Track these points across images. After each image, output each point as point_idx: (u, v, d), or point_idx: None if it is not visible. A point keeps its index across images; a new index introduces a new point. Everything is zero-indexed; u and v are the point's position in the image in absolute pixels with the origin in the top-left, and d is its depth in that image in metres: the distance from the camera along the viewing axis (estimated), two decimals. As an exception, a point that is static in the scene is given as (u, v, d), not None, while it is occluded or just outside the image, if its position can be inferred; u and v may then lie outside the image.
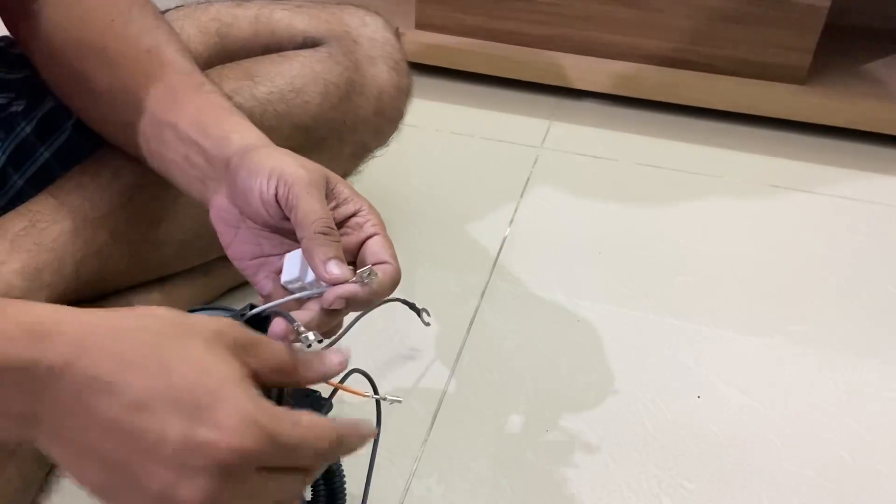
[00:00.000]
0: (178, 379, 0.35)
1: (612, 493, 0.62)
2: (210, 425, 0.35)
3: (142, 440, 0.35)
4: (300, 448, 0.37)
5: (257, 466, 0.36)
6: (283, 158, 0.48)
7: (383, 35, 0.76)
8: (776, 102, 1.05)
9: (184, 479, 0.35)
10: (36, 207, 0.60)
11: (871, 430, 0.67)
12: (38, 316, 0.36)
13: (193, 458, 0.35)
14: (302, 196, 0.46)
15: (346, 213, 0.49)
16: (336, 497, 0.53)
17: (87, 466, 0.36)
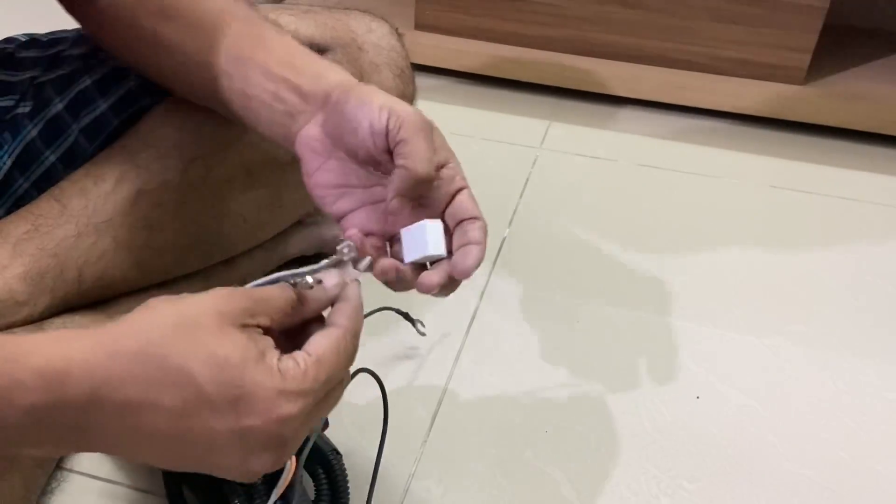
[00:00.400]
0: (204, 382, 0.38)
1: (611, 494, 0.62)
2: (248, 413, 0.38)
3: (198, 442, 0.39)
4: (328, 378, 0.42)
5: (306, 418, 0.41)
6: (392, 97, 0.50)
7: (389, 42, 0.76)
8: (775, 103, 1.05)
9: (249, 456, 0.39)
10: (39, 211, 0.60)
11: (871, 431, 0.68)
12: (47, 358, 0.36)
13: (248, 441, 0.39)
14: (412, 135, 0.48)
15: (439, 162, 0.50)
16: (338, 495, 0.54)
17: (158, 460, 0.41)
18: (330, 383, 0.42)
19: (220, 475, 0.41)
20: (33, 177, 0.65)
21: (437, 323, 0.77)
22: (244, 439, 0.39)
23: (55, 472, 0.62)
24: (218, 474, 0.41)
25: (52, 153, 0.65)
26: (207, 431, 0.38)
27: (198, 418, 0.38)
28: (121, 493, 0.61)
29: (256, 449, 0.39)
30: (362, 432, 0.65)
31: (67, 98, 0.65)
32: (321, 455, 0.54)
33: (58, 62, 0.68)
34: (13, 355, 0.36)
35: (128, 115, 0.66)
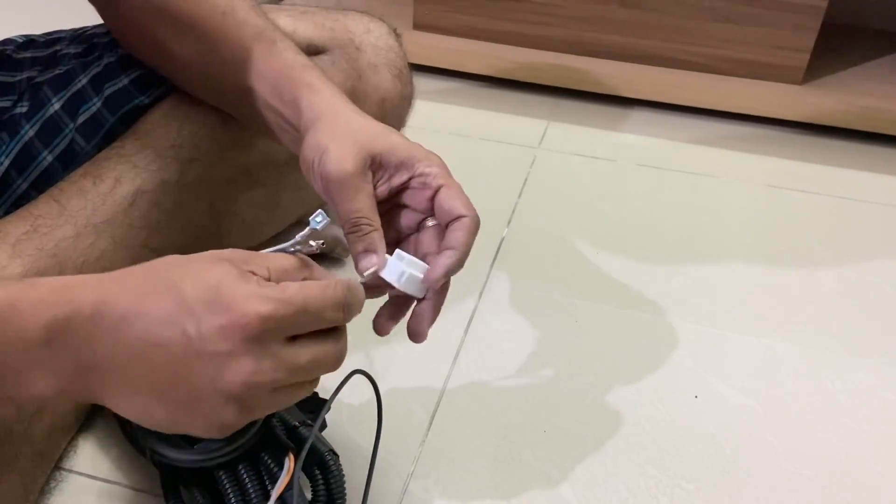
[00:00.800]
0: (186, 290, 0.39)
1: (609, 494, 0.62)
2: (221, 312, 0.39)
3: (175, 348, 0.39)
4: (312, 301, 0.42)
5: (285, 334, 0.41)
6: (327, 146, 0.50)
7: (387, 42, 0.76)
8: (773, 102, 1.06)
9: (223, 367, 0.39)
10: (38, 211, 0.60)
11: (869, 430, 0.68)
12: (64, 280, 0.41)
13: (220, 344, 0.39)
14: (335, 196, 0.50)
15: (403, 178, 0.52)
16: (334, 496, 0.54)
17: (144, 396, 0.41)
18: (315, 313, 0.42)
19: (192, 409, 0.41)
20: (31, 177, 0.65)
21: (435, 323, 0.77)
22: (215, 342, 0.39)
23: (54, 472, 0.62)
24: (190, 407, 0.41)
25: (49, 153, 0.65)
26: (182, 338, 0.39)
27: (176, 326, 0.39)
28: (119, 492, 0.61)
29: (228, 355, 0.39)
30: (360, 433, 0.65)
31: (64, 98, 0.65)
32: (318, 456, 0.54)
33: (55, 62, 0.68)
34: (33, 281, 0.41)
35: (124, 112, 0.66)
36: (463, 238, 0.50)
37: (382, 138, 0.52)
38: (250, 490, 0.51)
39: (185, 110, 0.65)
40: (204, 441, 0.51)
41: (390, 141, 0.52)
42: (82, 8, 0.65)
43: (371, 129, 0.52)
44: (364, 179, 0.50)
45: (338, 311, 0.43)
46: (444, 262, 0.50)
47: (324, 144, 0.51)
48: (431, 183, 0.51)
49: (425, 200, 0.52)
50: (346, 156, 0.50)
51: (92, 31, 0.71)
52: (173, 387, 0.40)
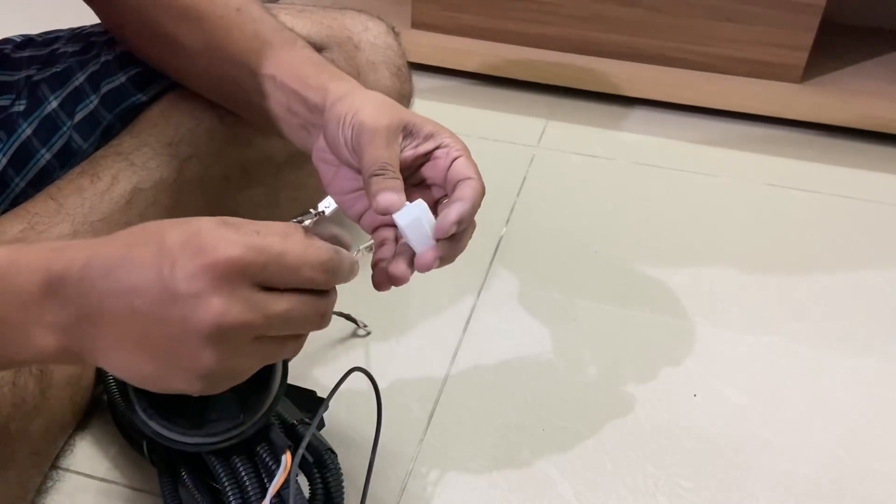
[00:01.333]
0: (168, 236, 0.40)
1: (608, 493, 0.62)
2: (195, 253, 0.39)
3: (152, 291, 0.39)
4: (290, 254, 0.41)
5: (255, 280, 0.40)
6: (362, 106, 0.51)
7: (385, 40, 0.76)
8: (772, 101, 1.06)
9: (194, 307, 0.39)
10: (35, 209, 0.60)
11: (868, 429, 0.68)
12: (64, 241, 0.44)
13: (191, 284, 0.39)
14: (365, 144, 0.50)
15: (429, 147, 0.52)
16: (332, 494, 0.54)
17: (130, 345, 0.41)
18: (291, 266, 0.41)
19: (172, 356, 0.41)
20: (29, 175, 0.65)
21: (434, 321, 0.77)
22: (188, 282, 0.39)
23: (51, 471, 0.61)
24: (170, 354, 0.41)
25: (47, 151, 0.64)
26: (158, 280, 0.39)
27: (154, 270, 0.39)
28: (116, 491, 0.61)
29: (200, 294, 0.39)
30: (359, 431, 0.65)
31: (62, 96, 0.65)
32: (316, 454, 0.54)
33: (53, 60, 0.68)
34: (34, 242, 0.43)
35: (121, 110, 0.66)
36: (470, 193, 0.51)
37: (413, 113, 0.54)
38: (247, 485, 0.51)
39: (183, 108, 0.65)
40: (201, 428, 0.51)
41: (420, 116, 0.54)
42: (80, 7, 0.65)
43: (401, 105, 0.54)
44: (396, 137, 0.51)
45: (318, 272, 0.42)
46: (456, 208, 0.50)
47: (359, 104, 0.51)
48: (451, 153, 0.52)
49: (443, 170, 0.52)
50: (382, 114, 0.51)
51: (90, 30, 0.71)
52: (153, 332, 0.40)
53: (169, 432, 0.52)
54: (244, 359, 0.42)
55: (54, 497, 0.60)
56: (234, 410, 0.52)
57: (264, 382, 0.53)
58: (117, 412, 0.62)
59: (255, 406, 0.52)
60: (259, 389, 0.53)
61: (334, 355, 0.72)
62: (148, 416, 0.52)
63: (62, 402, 0.59)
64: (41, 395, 0.56)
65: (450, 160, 0.52)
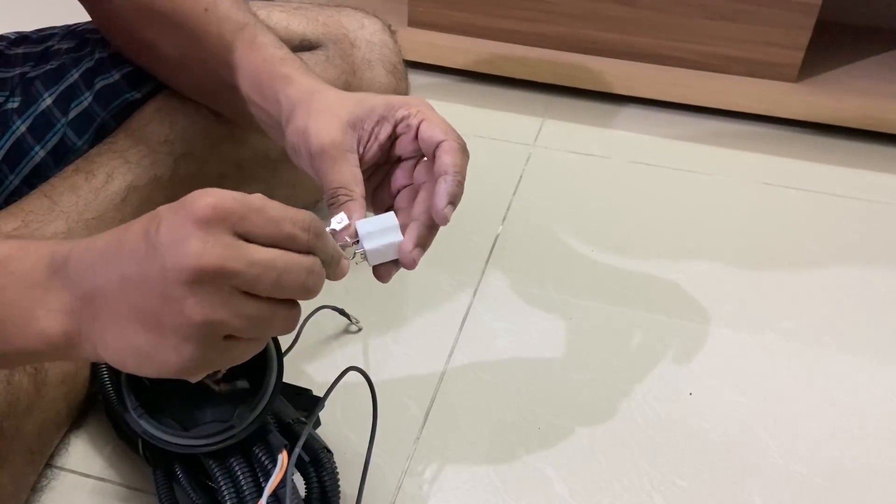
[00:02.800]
0: (160, 208, 0.40)
1: (603, 491, 0.62)
2: (178, 208, 0.38)
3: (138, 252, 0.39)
4: (269, 209, 0.40)
5: (234, 228, 0.39)
6: (307, 126, 0.51)
7: (381, 38, 0.76)
8: (768, 100, 1.06)
9: (173, 254, 0.38)
10: (29, 207, 0.60)
11: (862, 427, 0.68)
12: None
13: (172, 233, 0.38)
14: (318, 171, 0.50)
15: (388, 131, 0.52)
16: (328, 493, 0.54)
17: (123, 320, 0.40)
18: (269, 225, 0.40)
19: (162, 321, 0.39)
20: (23, 172, 0.64)
21: (430, 319, 0.77)
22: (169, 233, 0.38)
23: (45, 470, 0.61)
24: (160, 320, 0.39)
25: (41, 148, 0.64)
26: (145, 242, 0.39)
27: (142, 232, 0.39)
28: (111, 490, 0.61)
29: (179, 243, 0.38)
30: (354, 429, 0.65)
31: (56, 93, 0.65)
32: (312, 453, 0.54)
33: (47, 57, 0.67)
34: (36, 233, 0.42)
35: (115, 107, 0.65)
36: (450, 160, 0.49)
37: (359, 104, 0.52)
38: (243, 485, 0.51)
39: (177, 106, 0.65)
40: (195, 429, 0.51)
41: (368, 103, 0.52)
42: (74, 5, 0.64)
43: (348, 100, 0.52)
44: (345, 149, 0.50)
45: (299, 229, 0.41)
46: (443, 189, 0.48)
47: (303, 126, 0.51)
48: (412, 122, 0.51)
49: (411, 142, 0.51)
50: (325, 129, 0.50)
51: (84, 27, 0.71)
52: (140, 296, 0.39)
53: (163, 433, 0.52)
54: (232, 314, 0.39)
55: (49, 495, 0.60)
56: (228, 412, 0.52)
57: (258, 382, 0.53)
58: (112, 410, 0.62)
59: (249, 407, 0.52)
60: (253, 390, 0.53)
61: (330, 353, 0.72)
62: (139, 416, 0.52)
63: (57, 401, 0.59)
64: (36, 393, 0.56)
65: (414, 130, 0.51)
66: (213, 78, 0.59)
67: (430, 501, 0.61)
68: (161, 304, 0.38)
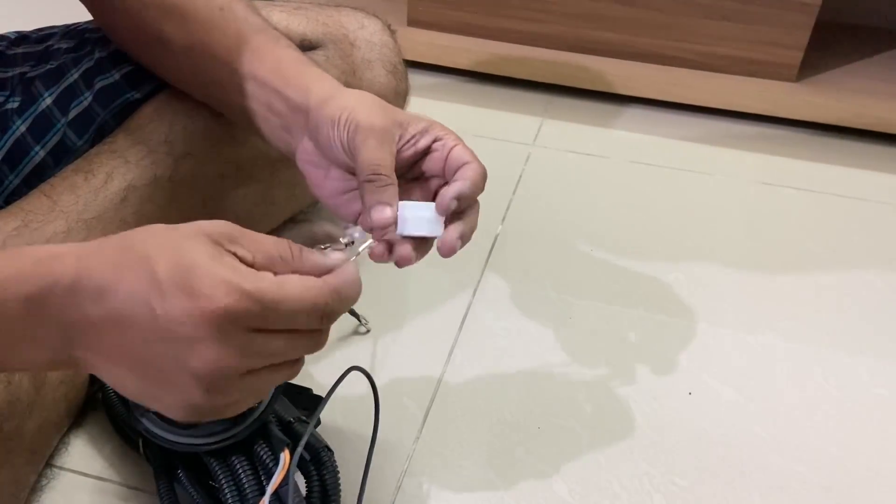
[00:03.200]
0: (158, 267, 0.39)
1: (603, 491, 0.62)
2: (188, 295, 0.38)
3: (144, 325, 0.39)
4: (286, 303, 0.40)
5: (249, 326, 0.39)
6: (357, 106, 0.51)
7: (381, 38, 0.76)
8: (767, 100, 1.06)
9: (188, 350, 0.39)
10: (29, 207, 0.60)
11: (861, 427, 0.68)
12: (47, 249, 0.41)
13: (185, 327, 0.38)
14: (359, 145, 0.49)
15: (427, 142, 0.52)
16: (329, 492, 0.54)
17: (121, 368, 0.41)
18: (287, 312, 0.40)
19: (161, 388, 0.41)
20: (23, 173, 0.64)
21: (429, 319, 0.77)
22: (181, 326, 0.38)
23: (45, 470, 0.61)
24: (159, 386, 0.41)
25: (41, 148, 0.64)
26: (150, 317, 0.38)
27: (145, 304, 0.38)
28: (111, 489, 0.61)
29: (193, 340, 0.38)
30: (354, 429, 0.65)
31: (56, 92, 0.65)
32: (313, 452, 0.54)
33: (47, 57, 0.67)
34: (18, 251, 0.41)
35: (115, 107, 0.65)
36: (469, 173, 0.51)
37: (404, 112, 0.53)
38: (245, 483, 0.51)
39: (177, 106, 0.65)
40: (196, 428, 0.51)
41: (411, 113, 0.54)
42: (75, 5, 0.64)
43: (391, 104, 0.54)
44: (391, 136, 0.51)
45: (314, 318, 0.42)
46: (454, 186, 0.50)
47: (353, 104, 0.51)
48: (448, 144, 0.52)
49: (441, 161, 0.52)
50: (376, 114, 0.51)
51: (84, 27, 0.71)
52: (144, 362, 0.40)
53: (164, 432, 0.52)
54: (238, 393, 0.42)
55: (49, 495, 0.60)
56: None
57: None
58: (112, 410, 0.62)
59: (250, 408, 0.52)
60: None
61: (330, 353, 0.72)
62: (141, 415, 0.52)
63: (57, 400, 0.59)
64: (36, 393, 0.56)
65: (447, 150, 0.52)
66: (222, 69, 0.58)
67: (429, 501, 0.61)
68: (168, 378, 0.40)
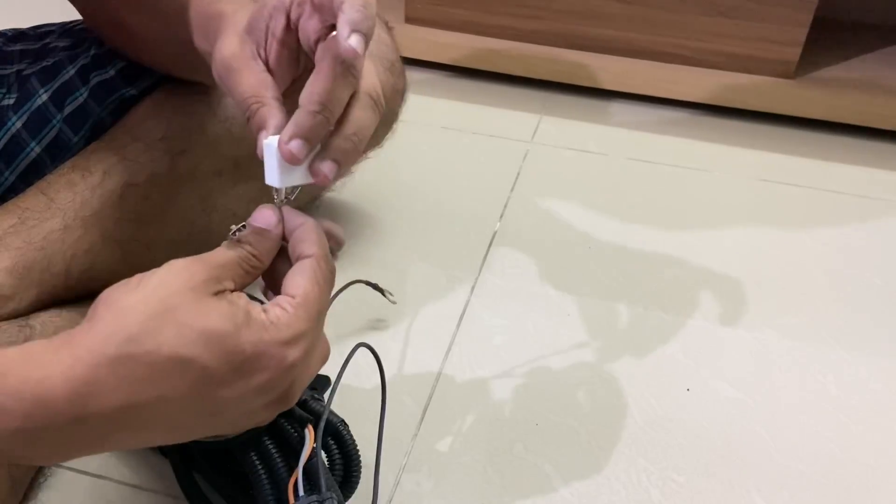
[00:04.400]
0: (205, 361, 0.38)
1: (601, 487, 0.62)
2: (257, 371, 0.39)
3: (210, 413, 0.40)
4: (322, 310, 0.42)
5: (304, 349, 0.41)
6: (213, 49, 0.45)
7: (378, 35, 0.75)
8: (765, 96, 1.06)
9: (261, 410, 0.41)
10: (25, 204, 0.60)
11: (860, 423, 0.68)
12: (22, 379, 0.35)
13: (261, 397, 0.40)
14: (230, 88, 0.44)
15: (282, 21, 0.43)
16: (351, 464, 0.54)
17: (165, 440, 0.41)
18: (322, 315, 0.43)
19: (228, 432, 0.42)
20: (19, 169, 0.64)
21: (427, 316, 0.77)
22: (258, 396, 0.40)
23: (42, 468, 0.61)
24: (226, 432, 0.42)
25: (37, 144, 0.64)
26: (219, 402, 0.39)
27: (209, 396, 0.38)
28: (109, 487, 0.61)
29: (271, 401, 0.41)
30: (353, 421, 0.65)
31: (51, 89, 0.65)
32: (331, 427, 0.54)
33: (44, 54, 0.67)
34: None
35: (111, 104, 0.65)
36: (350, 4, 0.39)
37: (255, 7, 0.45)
38: (276, 465, 0.50)
39: (175, 102, 0.65)
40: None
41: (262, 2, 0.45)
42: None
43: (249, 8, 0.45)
44: (246, 57, 0.43)
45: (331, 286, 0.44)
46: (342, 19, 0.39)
47: (211, 49, 0.45)
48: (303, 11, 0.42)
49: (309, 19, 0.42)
50: (226, 44, 0.44)
51: (81, 25, 0.71)
52: (203, 429, 0.41)
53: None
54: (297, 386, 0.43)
55: (46, 493, 0.60)
56: None
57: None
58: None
59: None
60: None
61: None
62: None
63: None
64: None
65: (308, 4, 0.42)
66: (181, 45, 0.52)
67: (427, 498, 0.61)
68: (222, 430, 0.42)
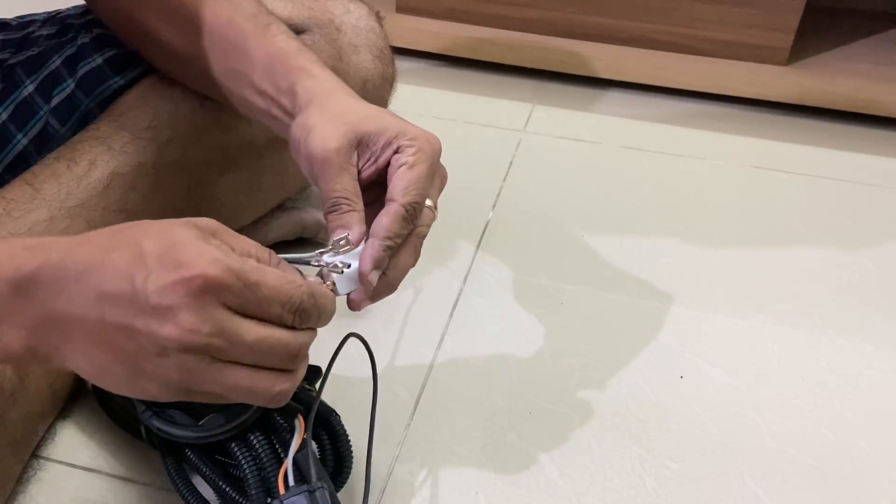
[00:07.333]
0: (146, 245, 0.39)
1: (595, 474, 0.62)
2: (171, 267, 0.39)
3: (123, 299, 0.39)
4: (263, 287, 0.41)
5: (225, 302, 0.40)
6: (313, 127, 0.50)
7: (367, 23, 0.75)
8: (758, 84, 1.05)
9: (163, 320, 0.39)
10: (10, 195, 0.59)
11: (853, 408, 0.68)
12: (37, 239, 0.42)
13: (164, 298, 0.39)
14: (318, 175, 0.49)
15: (387, 156, 0.50)
16: (342, 454, 0.54)
17: (99, 350, 0.40)
18: (263, 297, 0.41)
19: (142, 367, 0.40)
20: (5, 161, 0.64)
21: (420, 306, 0.76)
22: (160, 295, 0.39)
23: (31, 461, 0.61)
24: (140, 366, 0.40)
25: (23, 136, 0.63)
26: (130, 290, 0.39)
27: (130, 279, 0.39)
28: (99, 480, 0.60)
29: (169, 309, 0.39)
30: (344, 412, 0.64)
31: (37, 80, 0.64)
32: (322, 417, 0.54)
33: (28, 44, 0.66)
34: (9, 239, 0.42)
35: (98, 94, 0.65)
36: (386, 223, 0.48)
37: (373, 120, 0.50)
38: (263, 456, 0.50)
39: (162, 91, 0.64)
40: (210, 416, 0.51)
41: (381, 122, 0.50)
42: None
43: (363, 111, 0.51)
44: (348, 159, 0.49)
45: (288, 311, 0.42)
46: (367, 253, 0.48)
47: (311, 124, 0.50)
48: (401, 160, 0.49)
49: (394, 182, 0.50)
50: (331, 135, 0.49)
51: (66, 14, 0.70)
52: (120, 339, 0.40)
53: (178, 429, 0.51)
54: (210, 380, 0.41)
55: (36, 486, 0.60)
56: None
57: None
58: (108, 398, 0.61)
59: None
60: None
61: (320, 339, 0.72)
62: (149, 418, 0.51)
63: (41, 390, 0.58)
64: (19, 383, 0.55)
65: (395, 168, 0.49)
66: (217, 65, 0.57)
67: (420, 488, 0.61)
68: (143, 356, 0.40)
